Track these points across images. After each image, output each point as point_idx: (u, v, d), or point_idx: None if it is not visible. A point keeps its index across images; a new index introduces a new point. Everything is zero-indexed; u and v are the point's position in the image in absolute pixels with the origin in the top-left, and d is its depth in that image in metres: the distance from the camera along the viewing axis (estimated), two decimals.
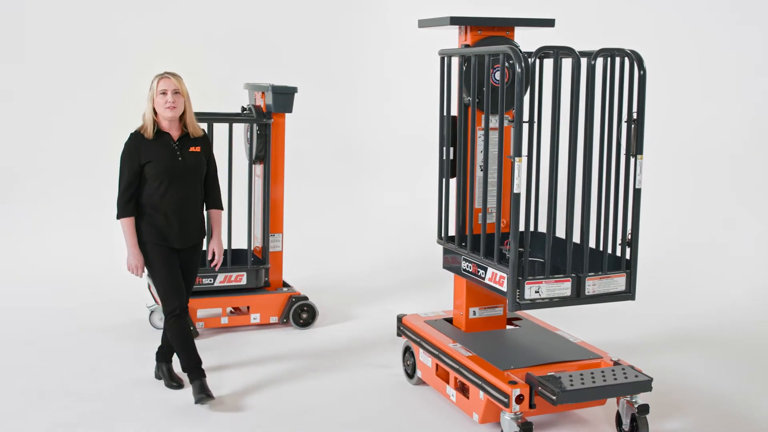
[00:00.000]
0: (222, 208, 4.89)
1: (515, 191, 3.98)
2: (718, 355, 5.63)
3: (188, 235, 4.68)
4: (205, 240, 4.91)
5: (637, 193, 4.23)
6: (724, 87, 7.52)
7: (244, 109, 6.22)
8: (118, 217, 4.58)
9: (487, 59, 4.21)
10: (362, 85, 9.21)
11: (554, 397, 3.92)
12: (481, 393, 4.25)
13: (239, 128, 6.50)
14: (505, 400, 4.05)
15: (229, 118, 5.97)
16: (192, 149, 4.67)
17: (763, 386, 5.09)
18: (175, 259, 4.67)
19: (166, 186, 4.55)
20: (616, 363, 4.36)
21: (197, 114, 6.05)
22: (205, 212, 4.85)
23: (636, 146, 4.18)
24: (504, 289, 4.15)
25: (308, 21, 9.06)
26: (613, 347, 5.53)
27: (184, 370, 4.72)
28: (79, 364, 5.32)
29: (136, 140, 4.59)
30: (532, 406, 4.09)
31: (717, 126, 7.53)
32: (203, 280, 5.90)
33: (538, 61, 4.29)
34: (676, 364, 5.40)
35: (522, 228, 4.12)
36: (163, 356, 4.99)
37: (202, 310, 5.94)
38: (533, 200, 4.77)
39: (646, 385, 4.08)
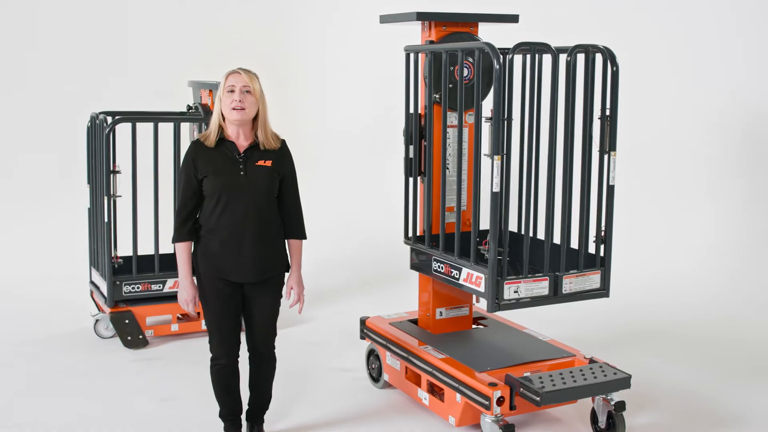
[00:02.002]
0: (304, 237, 4.02)
1: (494, 190, 3.91)
2: (680, 348, 5.69)
3: (250, 268, 3.86)
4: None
5: (611, 189, 4.21)
6: (701, 84, 7.38)
7: (189, 107, 5.99)
8: (173, 240, 3.89)
9: (460, 55, 4.13)
10: (303, 82, 9.07)
11: (538, 398, 3.87)
12: (458, 396, 4.17)
13: (186, 128, 6.25)
14: (486, 402, 3.97)
15: (175, 118, 5.74)
16: (260, 163, 3.83)
17: (728, 379, 5.16)
18: (235, 297, 3.92)
19: (223, 206, 3.78)
20: (591, 361, 4.34)
21: (139, 114, 5.84)
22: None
23: (609, 143, 4.17)
24: (481, 289, 4.08)
25: (248, 17, 8.86)
26: (574, 343, 5.52)
27: (220, 416, 4.17)
28: (23, 376, 5.04)
29: (194, 150, 3.83)
30: (513, 407, 4.03)
31: (691, 123, 7.40)
32: (152, 286, 5.68)
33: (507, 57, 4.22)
34: (639, 357, 5.43)
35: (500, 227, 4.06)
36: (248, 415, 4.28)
37: (151, 318, 5.72)
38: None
39: (625, 382, 4.07)
